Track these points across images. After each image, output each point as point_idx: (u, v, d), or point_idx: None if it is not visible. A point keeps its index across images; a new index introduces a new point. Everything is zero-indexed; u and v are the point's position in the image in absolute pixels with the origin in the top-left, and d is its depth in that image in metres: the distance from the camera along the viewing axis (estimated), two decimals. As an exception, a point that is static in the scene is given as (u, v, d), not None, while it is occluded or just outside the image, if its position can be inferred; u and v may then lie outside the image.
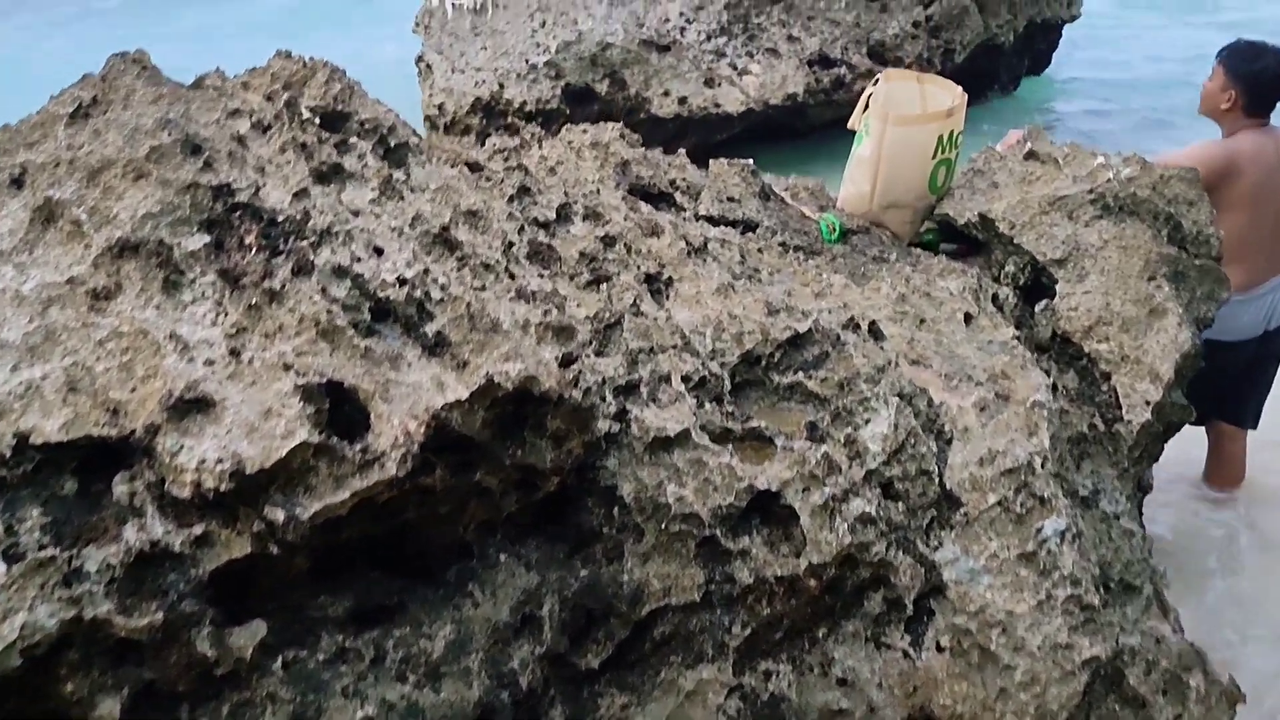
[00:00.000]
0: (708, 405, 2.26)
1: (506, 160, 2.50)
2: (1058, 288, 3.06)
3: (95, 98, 1.92)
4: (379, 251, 1.88)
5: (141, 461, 1.57)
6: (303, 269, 1.71)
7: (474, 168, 2.45)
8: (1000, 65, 8.76)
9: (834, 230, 3.27)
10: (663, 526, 2.01)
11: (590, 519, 2.02)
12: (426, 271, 1.89)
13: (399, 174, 2.05)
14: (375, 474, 1.60)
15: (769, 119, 7.58)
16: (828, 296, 2.69)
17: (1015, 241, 3.13)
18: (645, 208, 2.77)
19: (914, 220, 3.58)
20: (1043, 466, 2.26)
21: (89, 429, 1.57)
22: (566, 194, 2.58)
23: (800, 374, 2.41)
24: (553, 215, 2.51)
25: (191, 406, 1.56)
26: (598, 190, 2.70)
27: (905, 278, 2.91)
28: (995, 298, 3.07)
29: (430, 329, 1.81)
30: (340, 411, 1.65)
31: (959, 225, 3.43)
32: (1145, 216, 3.09)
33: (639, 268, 2.51)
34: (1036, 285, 3.20)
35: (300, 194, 1.83)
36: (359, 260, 1.81)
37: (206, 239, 1.72)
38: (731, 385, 2.37)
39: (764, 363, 2.43)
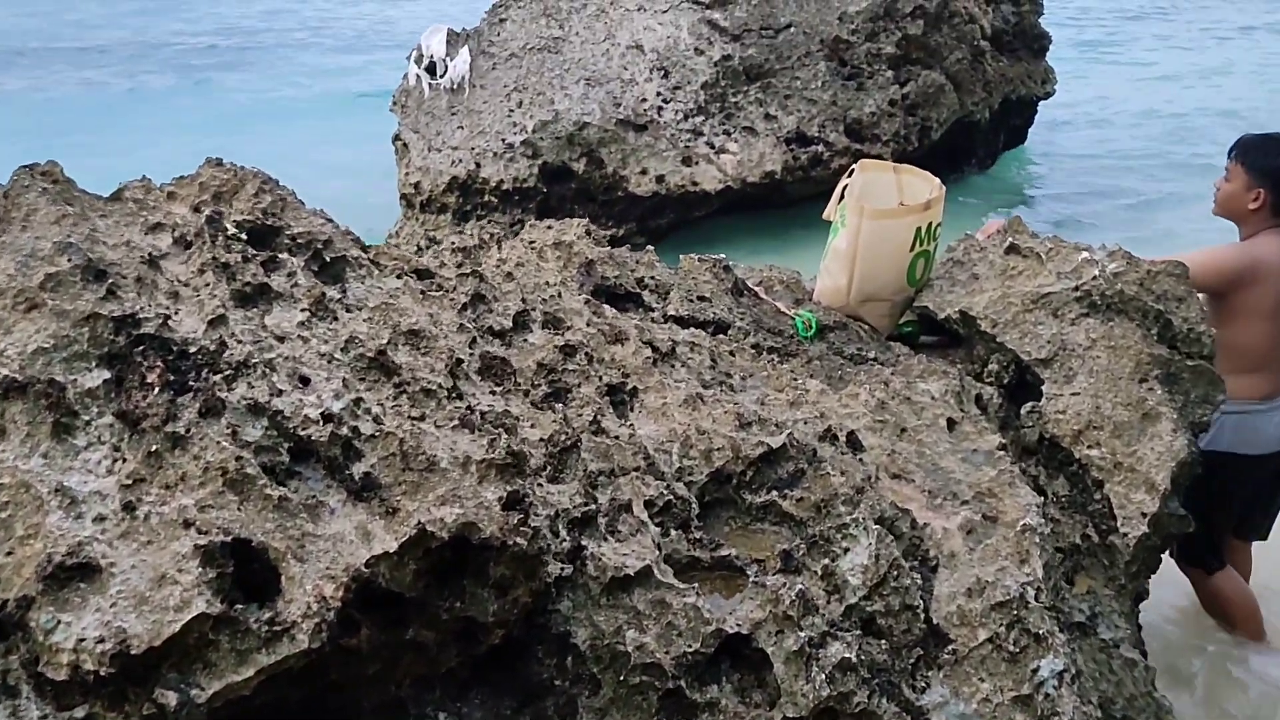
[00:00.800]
0: (673, 533, 2.07)
1: (460, 267, 2.33)
2: (1044, 389, 2.89)
3: (-2, 213, 1.74)
4: (305, 381, 1.69)
5: (15, 635, 1.36)
6: (211, 409, 1.52)
7: (424, 275, 2.28)
8: (976, 142, 8.71)
9: (810, 327, 3.10)
10: (621, 678, 1.80)
11: (540, 670, 1.81)
12: (359, 402, 1.70)
13: (333, 291, 1.87)
14: (285, 647, 1.40)
15: (747, 196, 7.47)
16: (803, 405, 2.51)
17: (998, 340, 2.96)
18: (610, 311, 2.59)
19: (892, 314, 3.41)
20: (1036, 599, 2.07)
21: (-43, 599, 1.36)
22: (525, 300, 2.40)
23: (774, 493, 2.22)
24: (509, 324, 2.33)
25: (73, 574, 1.36)
26: (559, 294, 2.53)
27: (884, 381, 2.73)
28: (979, 399, 2.90)
29: (358, 469, 1.61)
30: (248, 570, 1.45)
31: (939, 319, 3.27)
32: (1134, 314, 2.93)
33: (600, 379, 2.33)
34: (1021, 384, 3.03)
35: (216, 321, 1.65)
36: (279, 394, 1.62)
37: (106, 375, 1.53)
38: (700, 507, 2.18)
39: (735, 481, 2.24)
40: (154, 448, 1.47)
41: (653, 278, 2.91)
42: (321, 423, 1.61)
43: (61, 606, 1.32)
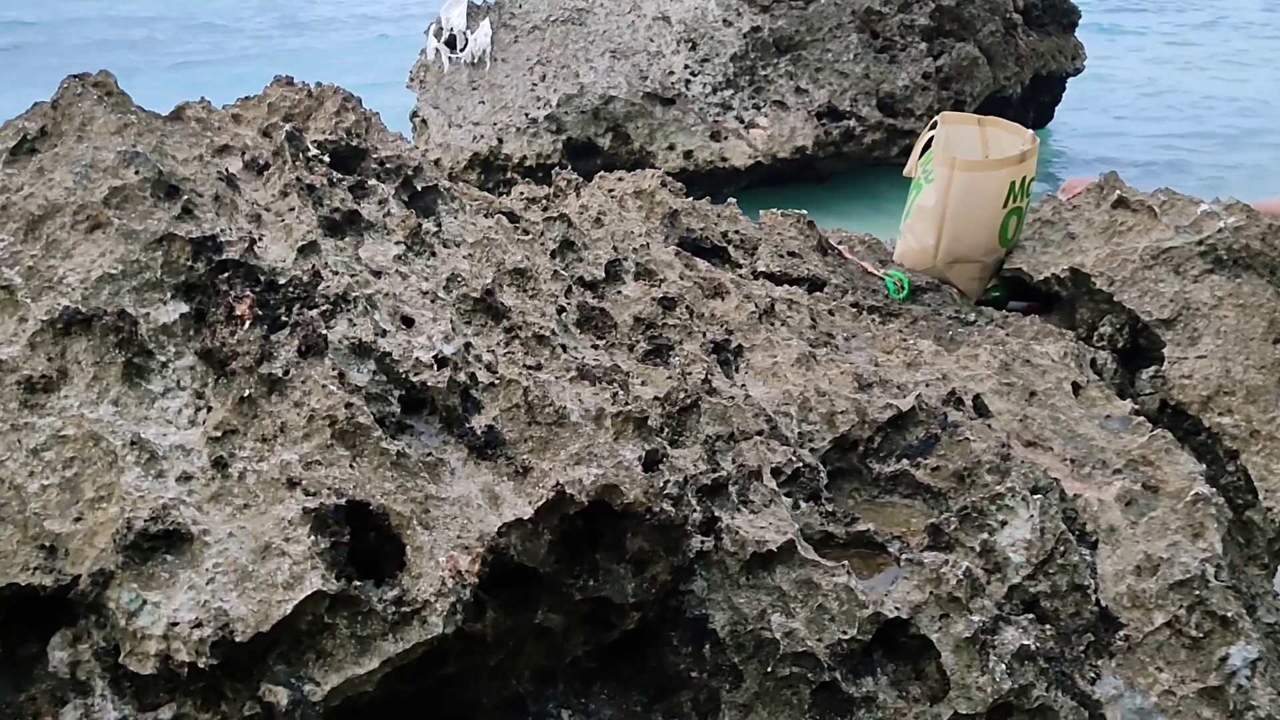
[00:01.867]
0: (803, 505, 1.81)
1: (545, 210, 2.07)
2: (1165, 352, 2.63)
3: (44, 128, 1.47)
4: (408, 322, 1.43)
5: (89, 619, 1.10)
6: (312, 348, 1.26)
7: (511, 218, 2.01)
8: (1007, 118, 8.43)
9: (902, 288, 2.85)
10: (768, 669, 1.55)
11: (675, 660, 1.55)
12: (469, 346, 1.44)
13: (429, 224, 1.60)
14: (415, 632, 1.14)
15: (777, 171, 7.20)
16: (921, 367, 2.25)
17: (1115, 299, 2.70)
18: (702, 264, 2.33)
19: (982, 276, 3.15)
20: (1218, 577, 1.81)
21: (15, 574, 1.10)
22: (615, 248, 2.14)
23: (905, 461, 1.97)
24: (601, 274, 2.07)
25: (159, 543, 1.10)
26: (647, 244, 2.27)
27: (1000, 341, 2.47)
28: (1094, 363, 2.64)
29: (479, 423, 1.35)
30: (365, 543, 1.19)
31: (1035, 281, 3.01)
32: (1261, 270, 2.67)
33: (704, 335, 2.07)
34: (1135, 349, 2.77)
35: (307, 249, 1.38)
36: (384, 334, 1.36)
37: (184, 308, 1.27)
38: (827, 478, 1.93)
39: (862, 449, 1.99)
40: (247, 393, 1.21)
41: (737, 232, 2.65)
42: (435, 367, 1.35)
43: (147, 583, 1.06)
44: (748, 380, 2.08)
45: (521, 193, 2.50)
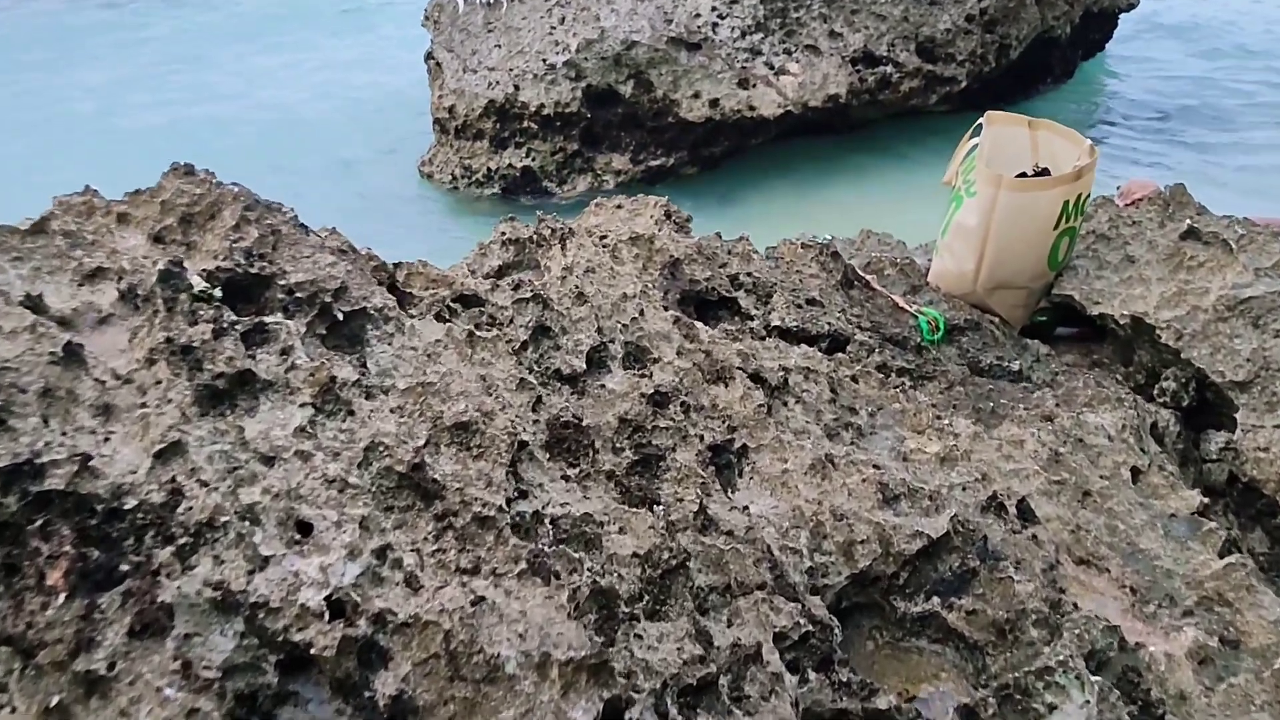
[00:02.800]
0: (812, 677, 1.50)
1: (518, 289, 1.72)
2: (1239, 417, 2.27)
3: None
4: (304, 530, 1.10)
5: None
6: (150, 625, 0.94)
7: (469, 302, 1.67)
8: (1054, 58, 7.87)
9: (936, 329, 2.48)
10: None
11: None
12: (384, 553, 1.12)
13: (346, 369, 1.27)
14: None
15: (808, 121, 6.74)
16: (956, 460, 1.90)
17: (1182, 355, 2.33)
18: (705, 333, 1.98)
19: (1027, 304, 2.78)
20: (1311, 776, 1.49)
21: None
22: (600, 327, 1.80)
23: (936, 600, 1.64)
24: (581, 364, 1.73)
25: None
26: (641, 312, 1.91)
27: (1047, 416, 2.11)
28: (1154, 428, 2.28)
29: (385, 685, 1.03)
30: None
31: (1090, 316, 2.64)
32: (1355, 324, 2.29)
33: (701, 438, 1.74)
34: (1201, 403, 2.41)
35: (167, 453, 1.06)
36: (264, 565, 1.03)
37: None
38: (839, 610, 1.61)
39: (885, 584, 1.66)
40: (55, 699, 0.90)
41: (749, 274, 2.29)
42: (327, 617, 1.02)
43: None
44: (752, 492, 1.75)
45: (504, 234, 2.15)
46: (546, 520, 1.39)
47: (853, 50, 6.66)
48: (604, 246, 2.09)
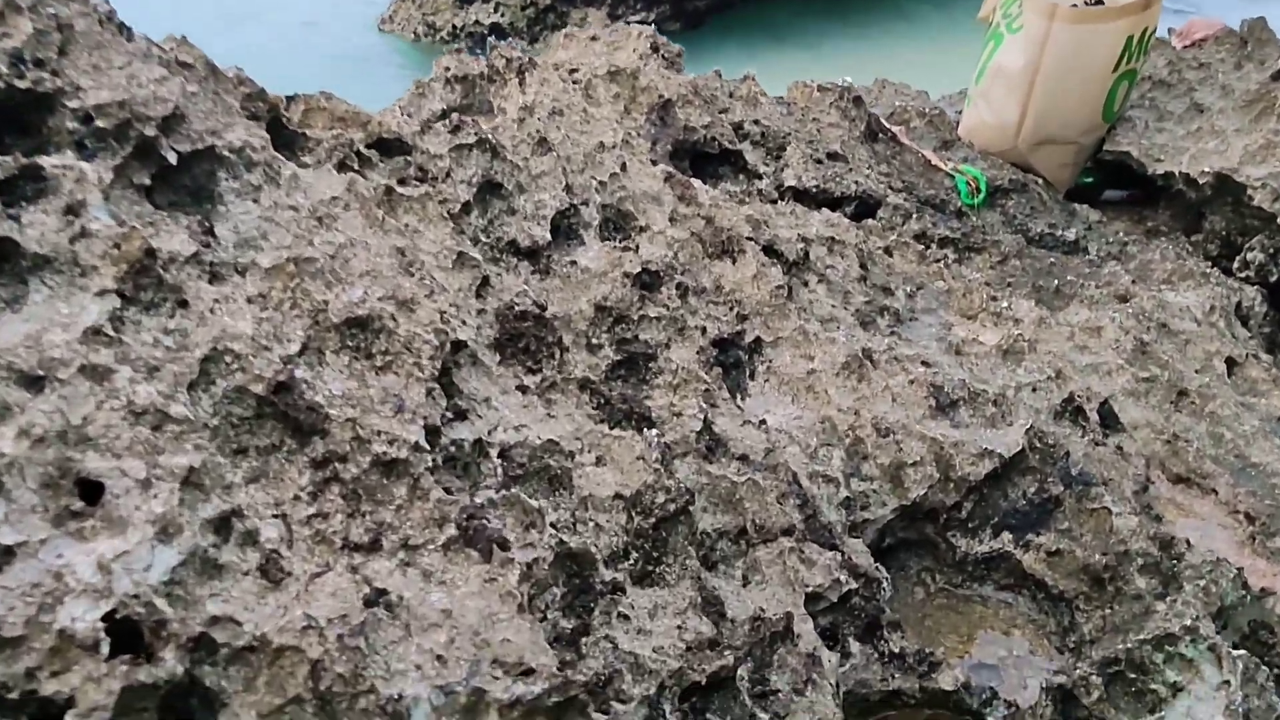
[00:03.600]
0: (855, 649, 1.10)
1: (457, 132, 1.26)
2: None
3: None
4: (89, 497, 0.67)
5: None
6: None
7: (390, 149, 1.22)
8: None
9: (977, 189, 2.04)
10: None
11: None
12: (224, 529, 0.69)
13: (178, 238, 0.82)
14: None
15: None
16: (1022, 351, 1.49)
17: (1278, 220, 1.90)
18: (704, 194, 1.53)
19: (1076, 161, 2.33)
20: None
21: None
22: (569, 185, 1.35)
23: (1008, 536, 1.25)
24: (545, 233, 1.29)
25: None
26: (623, 165, 1.46)
27: (1124, 295, 1.69)
28: (1238, 308, 1.87)
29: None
30: None
31: (1154, 176, 2.20)
32: None
33: (703, 330, 1.31)
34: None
35: None
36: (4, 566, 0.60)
37: None
38: (879, 555, 1.21)
39: (943, 518, 1.26)
40: None
41: (757, 122, 1.82)
42: (105, 650, 0.60)
43: None
44: (768, 399, 1.33)
45: (448, 69, 1.67)
46: (493, 453, 0.97)
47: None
48: (575, 83, 1.62)
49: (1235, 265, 1.99)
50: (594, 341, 1.25)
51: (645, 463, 1.04)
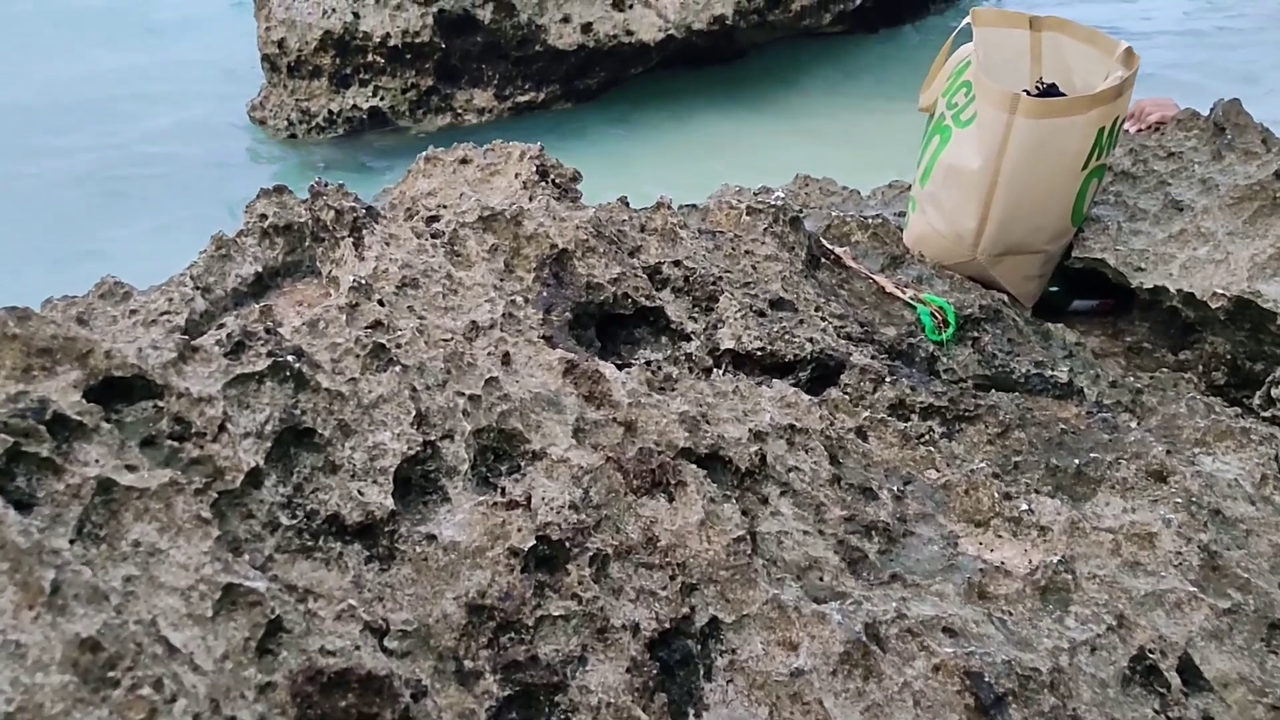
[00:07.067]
0: None
1: (238, 351, 0.78)
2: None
3: None
4: None
5: None
6: None
7: (133, 392, 0.73)
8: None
9: (944, 323, 1.62)
10: None
11: None
12: None
13: None
14: None
15: (691, 46, 5.80)
16: (1065, 588, 1.05)
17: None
18: (620, 383, 1.06)
19: (1043, 272, 1.95)
20: None
21: None
22: (421, 410, 0.87)
23: None
24: (384, 495, 0.81)
25: None
26: (504, 357, 1.00)
27: (1157, 471, 1.28)
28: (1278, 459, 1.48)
29: None
30: None
31: (1137, 288, 1.82)
32: None
33: (634, 626, 0.84)
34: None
35: None
36: None
37: None
38: None
39: None
40: None
41: (679, 263, 1.37)
42: None
43: None
44: (736, 711, 0.87)
45: (261, 217, 1.18)
46: None
47: (738, -36, 5.73)
48: (434, 237, 1.15)
49: (1257, 402, 1.60)
50: (467, 667, 0.78)
51: None
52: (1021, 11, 2.03)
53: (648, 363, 1.23)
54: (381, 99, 5.44)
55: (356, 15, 5.40)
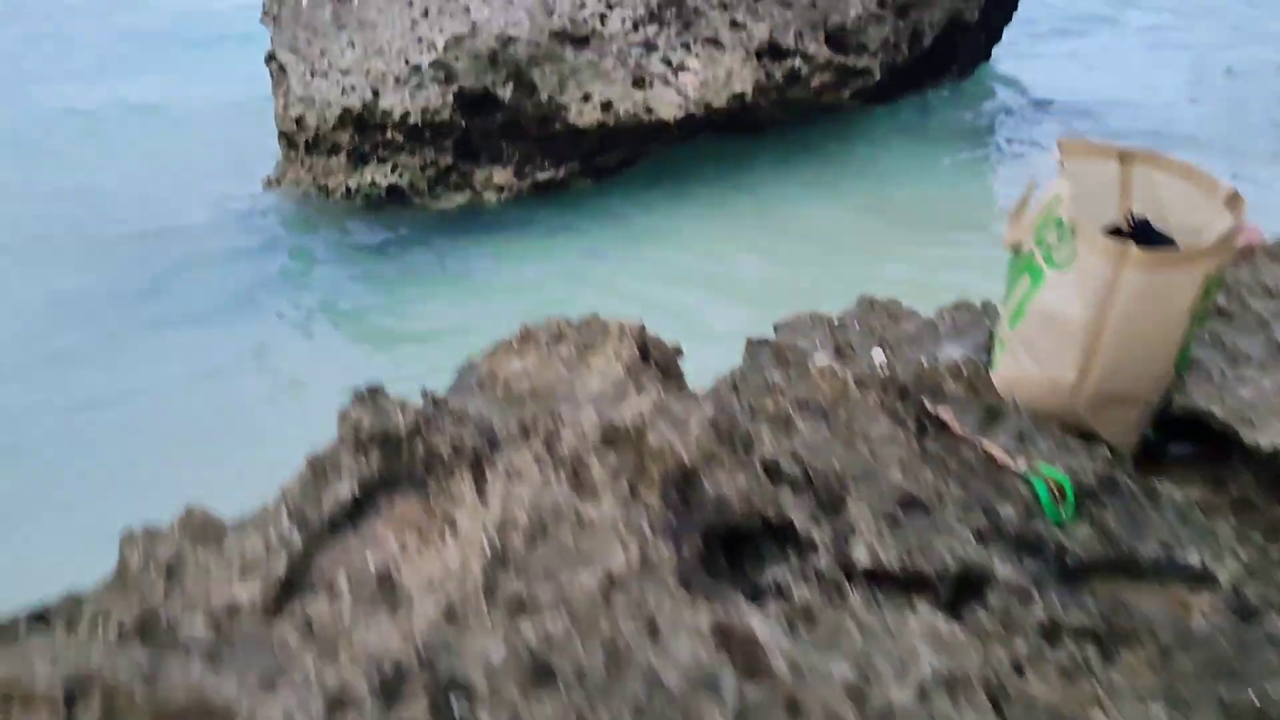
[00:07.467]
0: None
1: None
2: None
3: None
4: None
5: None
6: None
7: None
8: (961, 47, 7.05)
9: (1061, 496, 1.51)
10: None
11: None
12: None
13: None
14: None
15: (711, 122, 5.74)
16: None
17: None
18: (760, 626, 0.94)
19: (1141, 422, 1.84)
20: None
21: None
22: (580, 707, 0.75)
23: None
24: None
25: None
26: (649, 625, 0.87)
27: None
28: None
29: None
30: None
31: (1256, 449, 1.71)
32: None
33: None
34: None
35: None
36: None
37: None
38: None
39: None
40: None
41: (795, 453, 1.25)
42: None
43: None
44: None
45: (357, 423, 1.06)
46: None
47: (757, 42, 5.68)
48: (558, 463, 1.03)
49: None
50: None
51: None
52: (1110, 143, 1.94)
53: (778, 587, 1.10)
54: (400, 176, 5.36)
55: (376, 93, 5.33)
